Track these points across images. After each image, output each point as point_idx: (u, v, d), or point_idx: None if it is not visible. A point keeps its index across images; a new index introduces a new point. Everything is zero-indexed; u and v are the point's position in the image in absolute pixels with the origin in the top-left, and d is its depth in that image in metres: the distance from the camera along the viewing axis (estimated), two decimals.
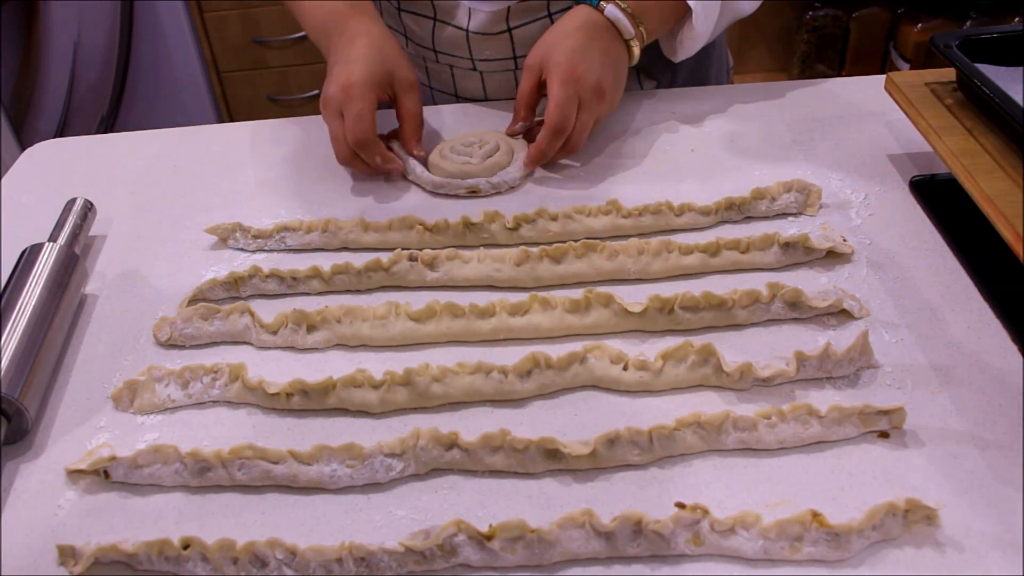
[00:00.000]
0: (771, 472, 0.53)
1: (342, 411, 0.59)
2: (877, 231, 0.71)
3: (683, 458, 0.54)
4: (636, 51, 0.80)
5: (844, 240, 0.69)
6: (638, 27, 0.79)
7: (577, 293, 0.63)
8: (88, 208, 0.76)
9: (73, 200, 0.76)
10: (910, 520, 0.48)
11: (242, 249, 0.74)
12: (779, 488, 0.52)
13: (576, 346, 0.60)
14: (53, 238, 0.71)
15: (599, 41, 0.77)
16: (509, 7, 0.86)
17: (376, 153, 0.78)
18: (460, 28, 0.88)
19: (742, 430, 0.53)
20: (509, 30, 0.87)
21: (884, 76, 0.79)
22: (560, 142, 0.77)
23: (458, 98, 0.96)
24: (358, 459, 0.53)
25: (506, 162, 0.80)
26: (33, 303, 0.63)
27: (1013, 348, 0.59)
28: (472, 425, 0.57)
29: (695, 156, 0.82)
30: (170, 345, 0.65)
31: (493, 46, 0.89)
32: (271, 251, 0.74)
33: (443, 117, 0.92)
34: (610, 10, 0.78)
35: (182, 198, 0.83)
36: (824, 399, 0.57)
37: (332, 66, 0.79)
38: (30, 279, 0.64)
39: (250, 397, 0.59)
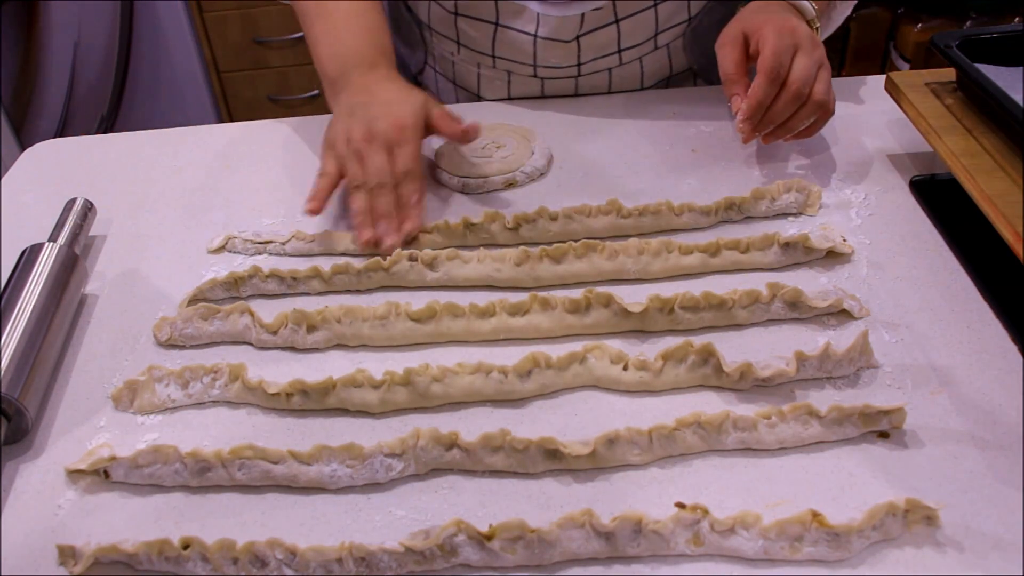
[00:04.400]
0: (771, 472, 0.53)
1: (342, 411, 0.59)
2: (877, 231, 0.71)
3: (683, 458, 0.54)
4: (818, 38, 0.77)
5: (844, 240, 0.69)
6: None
7: (577, 293, 0.63)
8: (88, 208, 0.76)
9: (73, 200, 0.76)
10: (910, 520, 0.48)
11: (241, 252, 0.74)
12: (779, 488, 0.52)
13: (576, 346, 0.60)
14: (53, 238, 0.71)
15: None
16: (583, 14, 0.84)
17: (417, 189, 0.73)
18: (526, 34, 0.87)
19: (742, 430, 0.53)
20: (578, 37, 0.86)
21: (884, 76, 0.79)
22: (775, 89, 0.72)
23: (479, 99, 0.96)
24: (358, 459, 0.53)
25: (526, 153, 0.81)
26: (33, 303, 0.63)
27: (1013, 348, 0.59)
28: (472, 425, 0.57)
29: (696, 156, 0.82)
30: (170, 345, 0.65)
31: (560, 53, 0.88)
32: (271, 255, 0.74)
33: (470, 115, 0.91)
34: None
35: (182, 198, 0.83)
36: (824, 399, 0.57)
37: (370, 104, 0.74)
38: (30, 279, 0.64)
39: (250, 397, 0.59)
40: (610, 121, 0.88)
